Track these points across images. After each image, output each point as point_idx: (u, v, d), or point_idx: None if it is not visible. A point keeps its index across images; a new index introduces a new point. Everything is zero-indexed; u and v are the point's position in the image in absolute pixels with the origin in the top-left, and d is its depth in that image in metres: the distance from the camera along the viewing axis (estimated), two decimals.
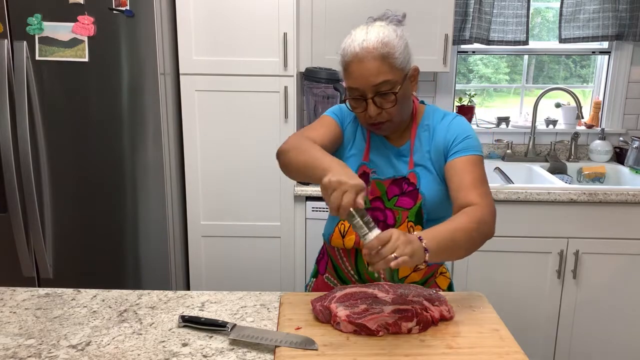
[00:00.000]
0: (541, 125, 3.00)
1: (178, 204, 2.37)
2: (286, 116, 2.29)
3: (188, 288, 2.49)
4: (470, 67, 3.12)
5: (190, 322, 1.18)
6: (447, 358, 1.05)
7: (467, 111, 2.92)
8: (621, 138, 2.92)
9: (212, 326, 1.16)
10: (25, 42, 2.05)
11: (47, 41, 2.06)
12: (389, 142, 1.41)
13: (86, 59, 2.08)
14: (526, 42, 2.80)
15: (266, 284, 2.43)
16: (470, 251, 1.23)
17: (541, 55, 3.05)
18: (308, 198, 2.37)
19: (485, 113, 3.10)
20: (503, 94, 3.22)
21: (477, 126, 2.99)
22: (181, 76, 2.29)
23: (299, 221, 2.40)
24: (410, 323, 1.13)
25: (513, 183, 2.48)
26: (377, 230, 1.07)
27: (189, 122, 2.32)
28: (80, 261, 2.26)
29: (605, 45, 2.92)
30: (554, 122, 2.98)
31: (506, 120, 2.99)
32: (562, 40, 2.83)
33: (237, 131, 2.33)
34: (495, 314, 1.23)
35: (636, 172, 2.68)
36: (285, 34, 2.23)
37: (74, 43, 2.07)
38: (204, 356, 1.07)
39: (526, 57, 3.04)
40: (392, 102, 1.29)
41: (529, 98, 3.07)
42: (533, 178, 2.72)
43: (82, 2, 2.03)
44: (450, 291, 1.48)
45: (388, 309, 1.14)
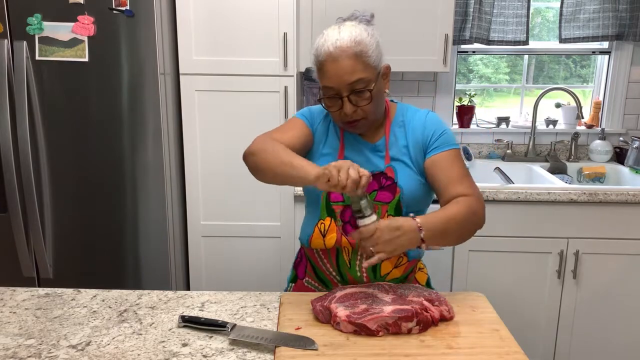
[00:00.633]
0: (541, 125, 2.99)
1: (178, 204, 2.37)
2: (286, 116, 2.29)
3: (188, 288, 2.49)
4: (470, 67, 3.12)
5: (190, 322, 1.18)
6: (447, 358, 1.05)
7: (467, 111, 2.92)
8: (621, 138, 2.92)
9: (212, 326, 1.16)
10: (25, 42, 2.05)
11: (47, 41, 2.06)
12: (363, 139, 1.42)
13: (86, 59, 2.08)
14: (526, 42, 2.79)
15: (266, 284, 2.42)
16: (460, 240, 1.30)
17: (541, 55, 3.05)
18: None
19: (485, 113, 3.10)
20: (503, 94, 3.22)
21: (477, 126, 2.99)
22: (181, 76, 2.29)
23: (299, 221, 2.39)
24: (410, 323, 1.13)
25: (513, 183, 2.48)
26: (374, 216, 1.17)
27: (189, 122, 2.32)
28: (80, 261, 2.26)
29: (605, 45, 2.92)
30: (554, 122, 2.98)
31: (506, 120, 2.99)
32: (562, 40, 2.83)
33: (237, 131, 2.33)
34: (495, 314, 1.24)
35: (636, 172, 2.68)
36: (285, 34, 2.23)
37: (74, 43, 2.07)
38: (204, 356, 1.07)
39: (526, 57, 3.04)
40: (367, 100, 1.30)
41: (529, 98, 3.06)
42: (533, 178, 2.72)
43: (82, 2, 2.03)
44: (429, 286, 1.50)
45: (388, 309, 1.14)
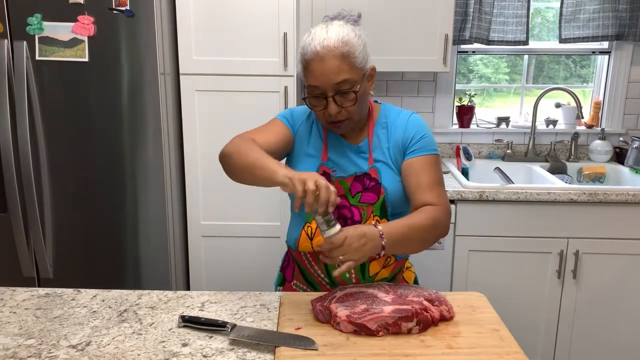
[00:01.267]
0: (541, 125, 2.99)
1: (178, 204, 2.37)
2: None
3: (188, 288, 2.49)
4: (470, 67, 3.12)
5: (190, 322, 1.18)
6: (447, 358, 1.05)
7: (467, 111, 2.92)
8: (621, 138, 2.92)
9: (212, 326, 1.16)
10: (25, 42, 2.05)
11: (47, 41, 2.06)
12: (347, 141, 1.42)
13: (86, 59, 2.08)
14: (526, 42, 2.79)
15: (266, 284, 2.42)
16: (422, 247, 1.31)
17: (541, 55, 3.05)
18: None
19: (485, 113, 3.10)
20: (503, 94, 3.22)
21: (477, 126, 2.99)
22: (181, 76, 2.29)
23: None
24: (410, 323, 1.13)
25: (513, 183, 2.48)
26: (338, 226, 1.15)
27: (189, 122, 2.32)
28: (80, 261, 2.26)
29: (605, 45, 2.92)
30: (554, 122, 2.98)
31: (506, 120, 2.99)
32: (562, 40, 2.82)
33: (237, 131, 2.29)
34: (495, 314, 1.23)
35: (636, 172, 2.68)
36: (285, 34, 2.23)
37: (74, 43, 2.07)
38: (204, 356, 1.07)
39: (526, 57, 3.04)
40: (352, 101, 1.30)
41: (529, 98, 3.06)
42: (533, 178, 2.72)
43: (82, 2, 2.03)
44: (416, 284, 1.51)
45: (388, 309, 1.14)
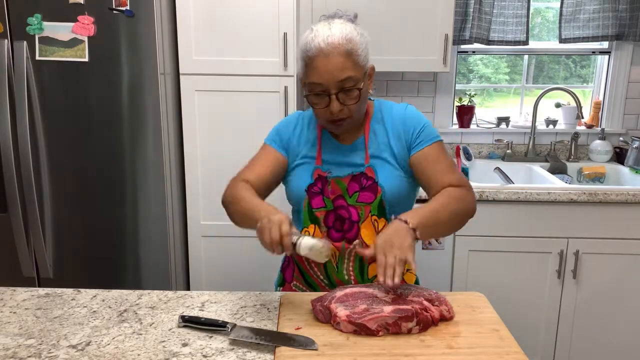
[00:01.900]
0: (541, 125, 2.99)
1: (178, 204, 2.37)
2: (286, 116, 2.29)
3: (188, 288, 2.49)
4: (470, 67, 3.12)
5: (190, 322, 1.18)
6: (447, 358, 1.05)
7: (467, 111, 2.92)
8: (621, 138, 2.92)
9: (212, 326, 1.16)
10: (25, 42, 2.05)
11: (47, 41, 2.06)
12: (340, 142, 1.41)
13: (86, 59, 2.08)
14: (526, 42, 2.79)
15: (266, 284, 2.42)
16: (454, 228, 1.31)
17: (541, 55, 3.05)
18: None
19: (485, 113, 3.10)
20: (503, 94, 3.22)
21: (477, 126, 2.99)
22: (181, 76, 2.29)
23: None
24: (410, 323, 1.13)
25: (513, 183, 2.48)
26: (306, 237, 1.16)
27: (189, 122, 2.32)
28: (80, 261, 2.26)
29: (605, 45, 2.92)
30: (554, 122, 2.98)
31: (506, 120, 2.99)
32: (562, 40, 2.82)
33: (237, 131, 2.33)
34: (495, 314, 1.23)
35: (636, 172, 2.68)
36: (285, 34, 2.23)
37: (74, 43, 2.07)
38: (204, 356, 1.07)
39: (526, 57, 3.04)
40: (355, 99, 1.30)
41: (529, 98, 3.06)
42: (533, 178, 2.72)
43: (82, 2, 2.03)
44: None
45: (388, 309, 1.14)
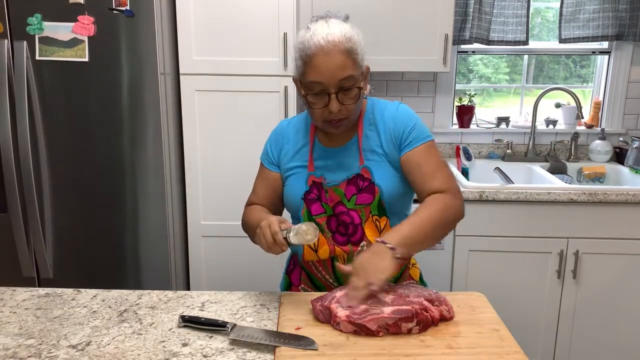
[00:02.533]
0: (541, 125, 2.99)
1: (178, 204, 2.37)
2: (286, 116, 2.29)
3: (188, 288, 2.48)
4: (470, 67, 3.12)
5: (190, 322, 1.18)
6: (447, 358, 1.05)
7: (467, 111, 2.92)
8: (621, 138, 2.92)
9: (212, 326, 1.16)
10: (25, 42, 2.05)
11: (47, 41, 2.06)
12: (332, 145, 1.40)
13: (86, 59, 2.08)
14: (526, 42, 2.79)
15: (266, 284, 2.42)
16: (439, 238, 1.30)
17: (541, 55, 3.05)
18: None
19: (485, 113, 3.10)
20: (503, 94, 3.22)
21: (477, 126, 2.99)
22: (181, 76, 2.29)
23: None
24: (410, 323, 1.13)
25: (513, 183, 2.48)
26: (295, 225, 1.20)
27: (189, 122, 2.32)
28: (80, 261, 2.26)
29: (605, 45, 2.92)
30: (554, 122, 2.98)
31: (506, 120, 2.99)
32: (562, 40, 2.82)
33: (237, 131, 2.33)
34: (495, 314, 1.23)
35: (636, 172, 2.68)
36: (285, 34, 2.23)
37: (74, 43, 2.06)
38: (204, 356, 1.07)
39: (526, 57, 3.04)
40: (354, 98, 1.28)
41: (529, 98, 3.06)
42: (533, 178, 2.72)
43: (82, 2, 2.03)
44: (422, 281, 1.51)
45: (388, 310, 1.14)
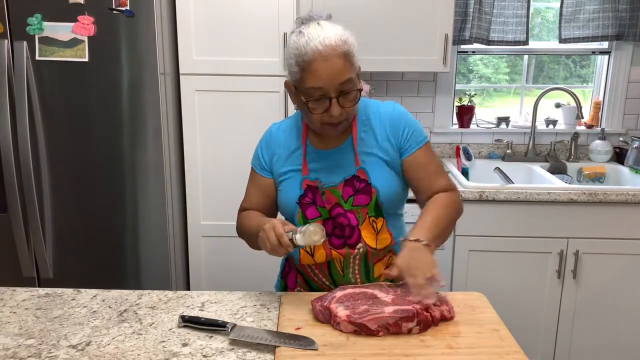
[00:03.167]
0: (541, 125, 2.99)
1: (178, 204, 2.37)
2: (286, 116, 2.29)
3: (188, 288, 2.48)
4: (470, 67, 3.12)
5: (190, 322, 1.18)
6: (447, 358, 1.05)
7: (467, 111, 2.92)
8: (621, 138, 2.92)
9: (212, 326, 1.16)
10: (25, 42, 2.05)
11: (47, 41, 2.06)
12: (325, 147, 1.38)
13: (86, 59, 2.08)
14: (526, 42, 2.79)
15: (266, 284, 2.42)
16: (450, 234, 1.37)
17: (541, 55, 3.05)
18: None
19: (485, 113, 3.10)
20: (503, 94, 3.22)
21: (477, 126, 2.99)
22: (181, 76, 2.29)
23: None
24: (410, 323, 1.13)
25: (513, 183, 2.48)
26: (301, 227, 1.19)
27: (189, 122, 2.32)
28: (80, 261, 2.26)
29: (605, 45, 2.92)
30: (554, 122, 2.98)
31: (506, 120, 2.99)
32: (562, 40, 2.82)
33: (237, 131, 2.33)
34: (495, 314, 1.23)
35: (636, 172, 2.68)
36: (285, 34, 2.23)
37: (74, 43, 2.06)
38: (204, 356, 1.07)
39: (526, 57, 3.04)
40: (354, 101, 1.27)
41: (529, 98, 3.06)
42: (533, 178, 2.72)
43: (82, 2, 2.03)
44: None
45: (388, 310, 1.14)
